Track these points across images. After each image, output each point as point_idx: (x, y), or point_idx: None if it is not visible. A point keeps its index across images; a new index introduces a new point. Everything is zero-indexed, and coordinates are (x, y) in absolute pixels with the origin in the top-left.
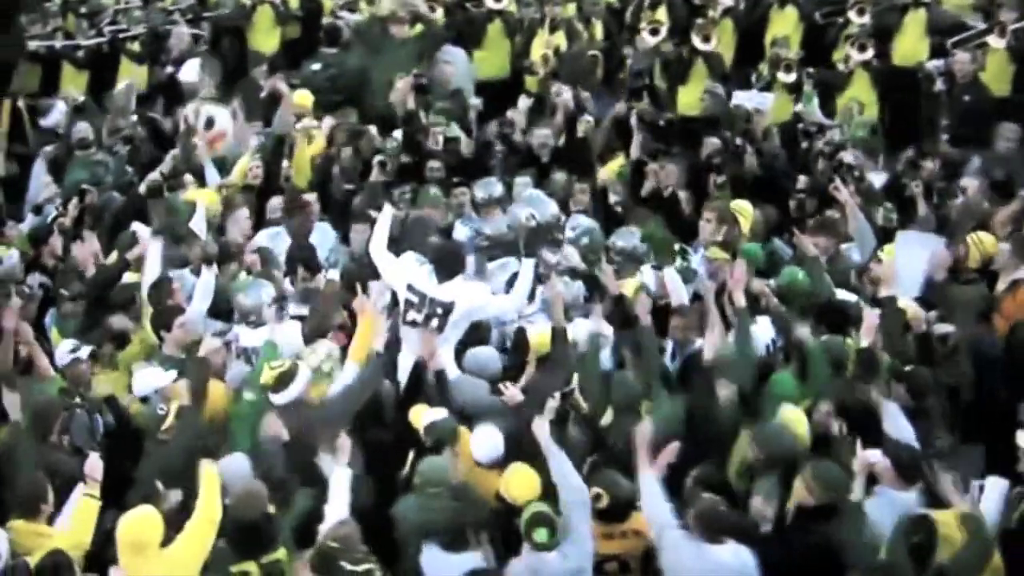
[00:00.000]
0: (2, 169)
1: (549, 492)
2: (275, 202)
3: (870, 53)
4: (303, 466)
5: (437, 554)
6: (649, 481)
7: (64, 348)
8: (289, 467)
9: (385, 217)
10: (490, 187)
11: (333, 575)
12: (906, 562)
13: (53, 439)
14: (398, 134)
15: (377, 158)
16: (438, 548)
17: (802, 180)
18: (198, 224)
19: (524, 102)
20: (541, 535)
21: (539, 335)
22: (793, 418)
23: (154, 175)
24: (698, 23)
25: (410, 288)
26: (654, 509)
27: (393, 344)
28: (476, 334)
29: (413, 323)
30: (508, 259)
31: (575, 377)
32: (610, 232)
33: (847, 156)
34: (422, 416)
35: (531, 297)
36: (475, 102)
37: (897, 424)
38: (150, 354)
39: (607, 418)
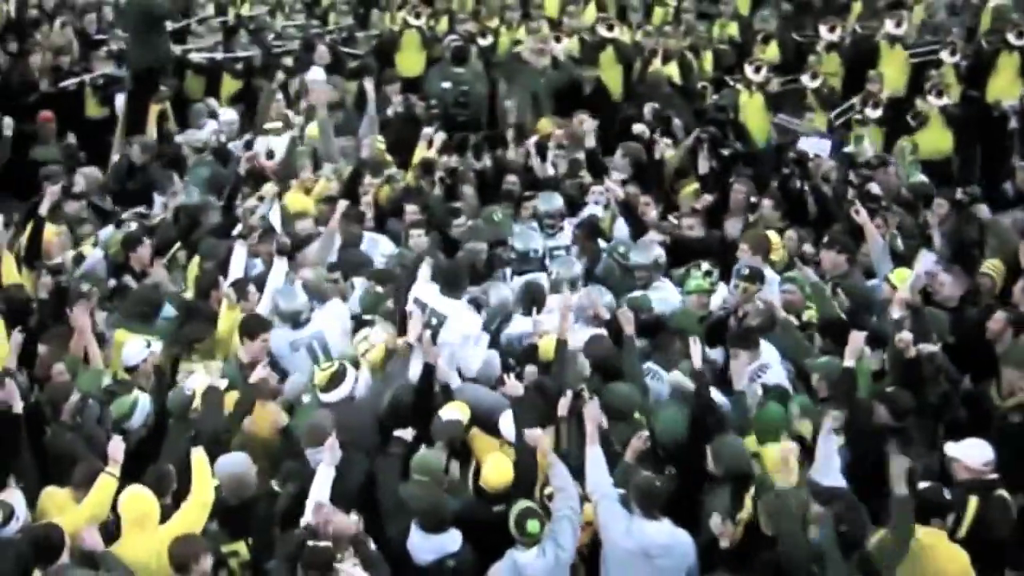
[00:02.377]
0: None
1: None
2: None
3: (946, 99)
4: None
5: (418, 534)
6: (594, 454)
7: (137, 346)
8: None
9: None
10: (552, 201)
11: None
12: (834, 549)
13: (65, 419)
14: None
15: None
16: (419, 529)
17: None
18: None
19: (591, 123)
20: (533, 527)
21: (545, 343)
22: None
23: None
24: (810, 60)
25: (416, 301)
26: (596, 479)
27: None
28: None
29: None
30: (538, 275)
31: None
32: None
33: (873, 187)
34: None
35: None
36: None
37: (826, 452)
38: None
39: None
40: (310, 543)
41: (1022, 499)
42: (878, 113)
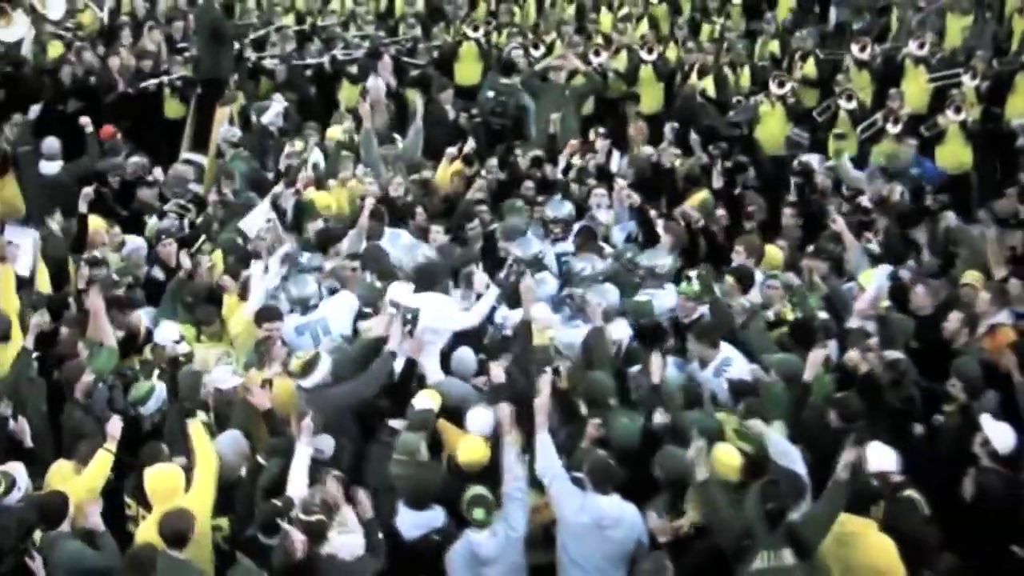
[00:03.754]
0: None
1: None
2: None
3: (964, 115)
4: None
5: (404, 511)
6: (543, 440)
7: (169, 334)
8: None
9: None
10: (561, 207)
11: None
12: (760, 523)
13: (77, 398)
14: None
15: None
16: (405, 506)
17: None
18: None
19: (603, 142)
20: (479, 513)
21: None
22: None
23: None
24: (838, 78)
25: (392, 304)
26: (547, 462)
27: None
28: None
29: None
30: (544, 274)
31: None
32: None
33: (863, 200)
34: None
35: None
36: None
37: (780, 451)
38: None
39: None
40: (302, 515)
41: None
42: (897, 129)
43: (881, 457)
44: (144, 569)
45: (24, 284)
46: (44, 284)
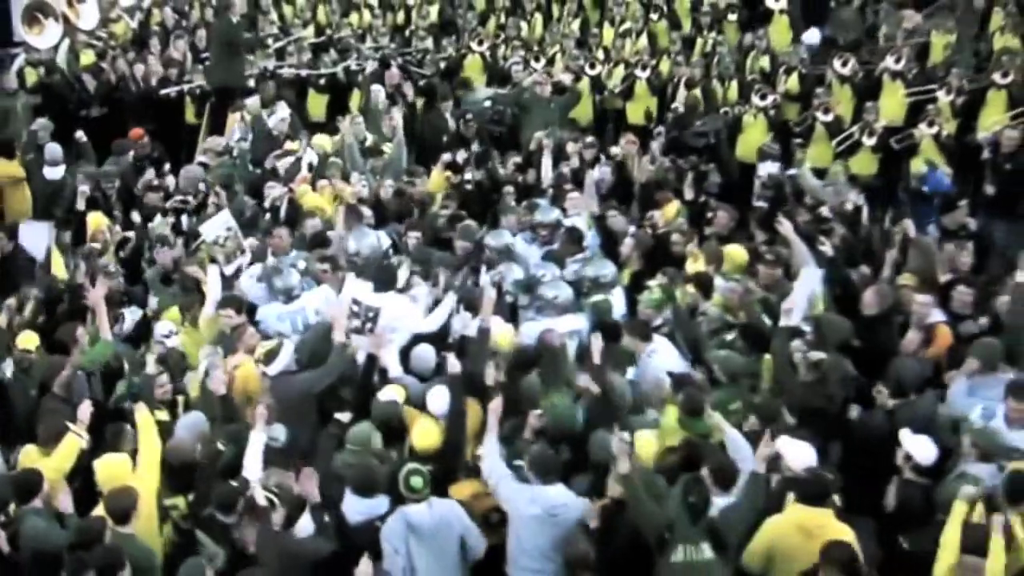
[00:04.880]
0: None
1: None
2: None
3: (936, 128)
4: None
5: (350, 497)
6: (491, 442)
7: (163, 329)
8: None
9: None
10: (549, 213)
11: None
12: (683, 518)
13: (57, 391)
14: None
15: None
16: (352, 493)
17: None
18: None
19: (576, 144)
20: (416, 482)
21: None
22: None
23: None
24: (818, 92)
25: (354, 301)
26: (492, 465)
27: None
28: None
29: (357, 330)
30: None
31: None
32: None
33: (824, 210)
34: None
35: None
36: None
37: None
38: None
39: None
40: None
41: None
42: (872, 141)
43: (799, 453)
44: (92, 538)
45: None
46: (60, 269)
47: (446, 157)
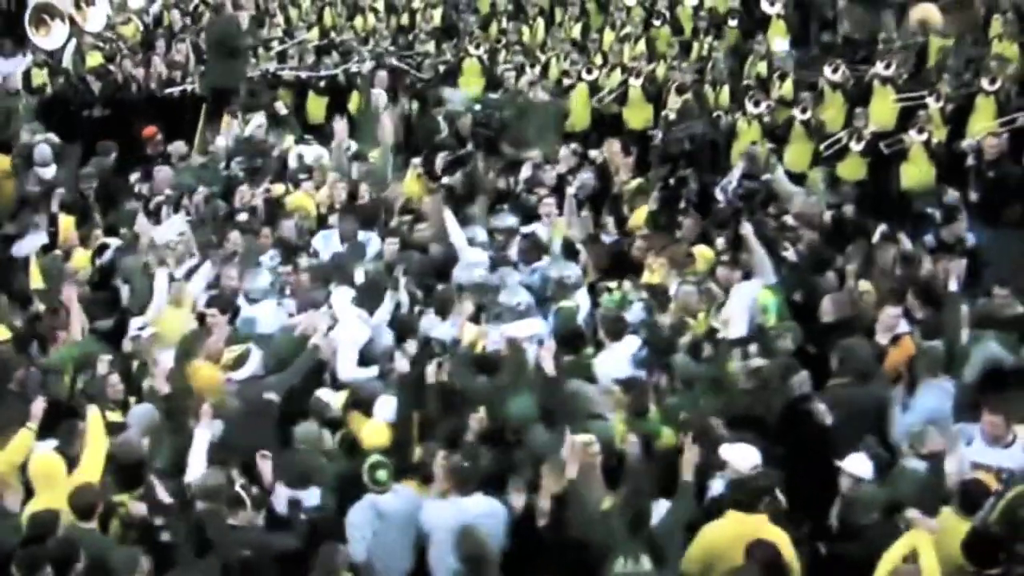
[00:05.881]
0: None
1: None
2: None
3: (926, 135)
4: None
5: (281, 489)
6: None
7: (136, 324)
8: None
9: None
10: (504, 218)
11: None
12: (623, 528)
13: (12, 388)
14: None
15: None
16: (283, 485)
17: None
18: None
19: (566, 149)
20: (382, 476)
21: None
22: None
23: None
24: (801, 96)
25: (328, 305)
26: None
27: None
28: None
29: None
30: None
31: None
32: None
33: (788, 219)
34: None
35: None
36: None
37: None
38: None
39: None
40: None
41: None
42: (860, 147)
43: (744, 455)
44: (46, 531)
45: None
46: (35, 277)
47: (415, 161)
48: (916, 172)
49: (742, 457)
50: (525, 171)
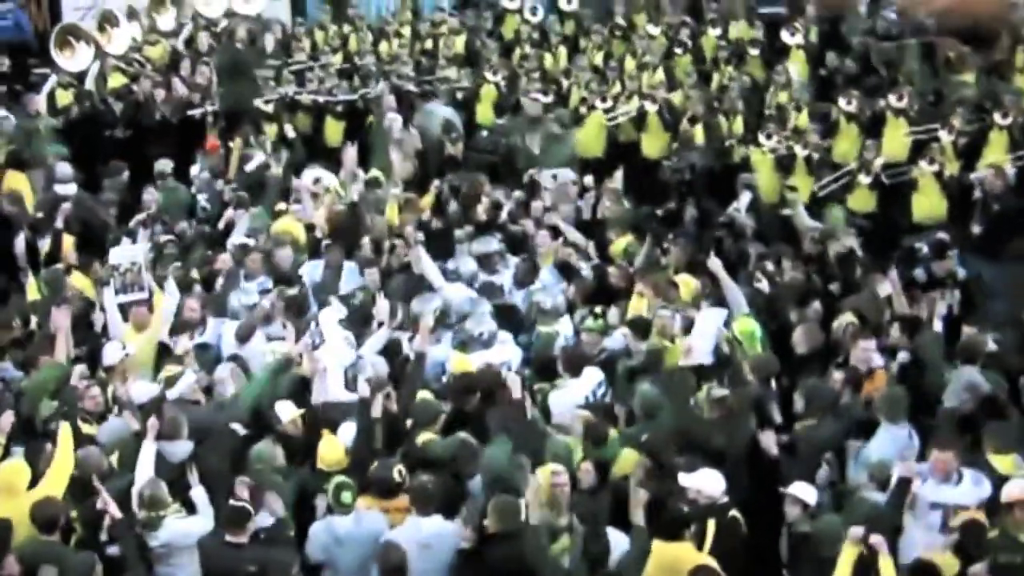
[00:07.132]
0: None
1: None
2: None
3: (936, 167)
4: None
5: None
6: None
7: (115, 347)
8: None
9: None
10: (487, 243)
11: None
12: (581, 568)
13: None
14: None
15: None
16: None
17: None
18: None
19: (552, 181)
20: (347, 497)
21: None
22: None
23: None
24: (811, 127)
25: (316, 323)
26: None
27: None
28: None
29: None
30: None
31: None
32: None
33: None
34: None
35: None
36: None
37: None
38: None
39: None
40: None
41: None
42: (868, 179)
43: (712, 483)
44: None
45: None
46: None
47: (395, 191)
48: (927, 204)
49: (710, 484)
50: (508, 204)
